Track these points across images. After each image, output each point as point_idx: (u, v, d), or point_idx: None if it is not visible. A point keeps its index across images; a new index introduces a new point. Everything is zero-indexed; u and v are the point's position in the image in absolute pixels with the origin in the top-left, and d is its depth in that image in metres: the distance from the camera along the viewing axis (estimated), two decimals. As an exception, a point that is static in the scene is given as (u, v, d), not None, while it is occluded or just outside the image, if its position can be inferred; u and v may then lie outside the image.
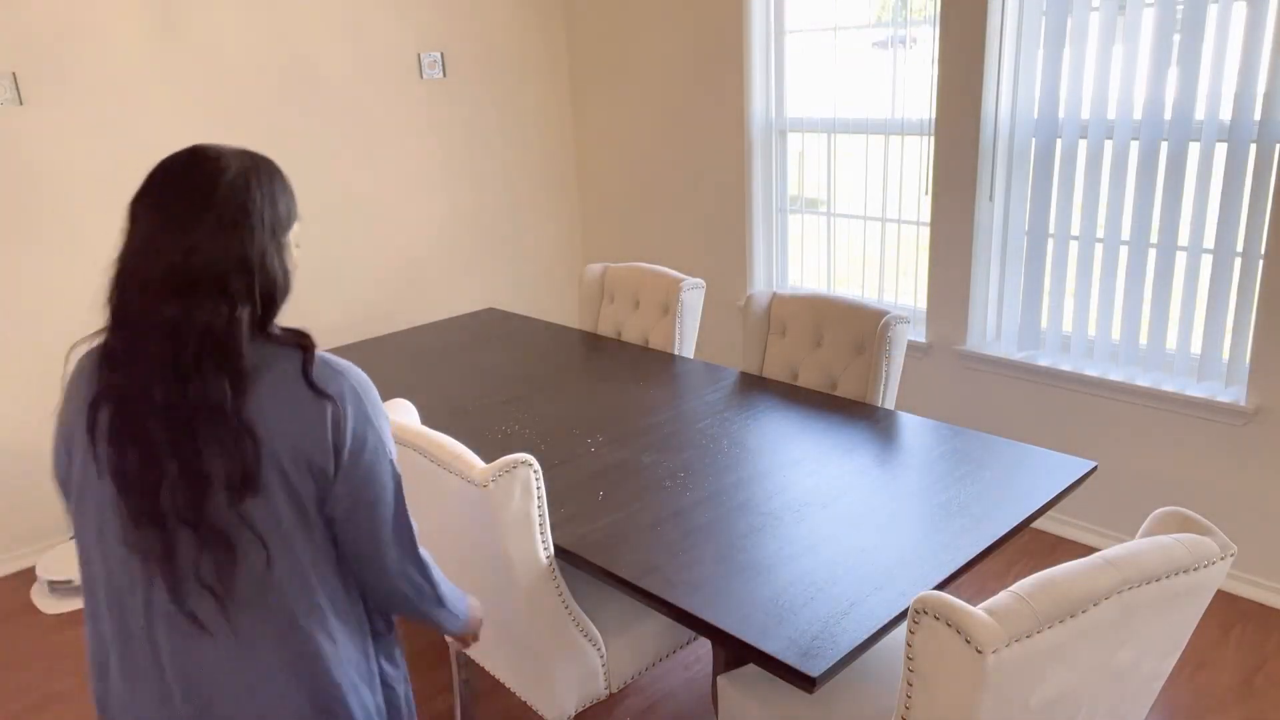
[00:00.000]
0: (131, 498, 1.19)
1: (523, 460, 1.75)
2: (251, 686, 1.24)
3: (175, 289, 1.17)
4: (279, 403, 1.21)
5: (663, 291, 3.05)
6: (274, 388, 1.21)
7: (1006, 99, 3.12)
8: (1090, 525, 3.22)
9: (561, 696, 1.95)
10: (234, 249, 1.19)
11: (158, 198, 1.21)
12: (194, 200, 1.19)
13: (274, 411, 1.20)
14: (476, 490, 1.75)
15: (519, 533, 1.78)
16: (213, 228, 1.18)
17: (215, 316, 1.17)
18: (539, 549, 1.82)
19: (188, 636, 1.23)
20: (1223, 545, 1.30)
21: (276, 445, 1.20)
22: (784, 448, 2.19)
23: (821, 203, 3.89)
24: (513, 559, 1.79)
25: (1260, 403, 2.75)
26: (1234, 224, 2.73)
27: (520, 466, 1.75)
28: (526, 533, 1.79)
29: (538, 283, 4.69)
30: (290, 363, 1.23)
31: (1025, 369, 3.23)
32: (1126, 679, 1.33)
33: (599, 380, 2.69)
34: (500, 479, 1.73)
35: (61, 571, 3.14)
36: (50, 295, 3.27)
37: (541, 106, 4.51)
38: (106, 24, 3.23)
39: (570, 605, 1.90)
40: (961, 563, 1.70)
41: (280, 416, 1.21)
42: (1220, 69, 2.66)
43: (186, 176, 1.21)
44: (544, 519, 1.81)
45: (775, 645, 1.49)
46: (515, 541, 1.77)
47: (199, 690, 1.24)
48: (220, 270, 1.18)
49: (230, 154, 1.24)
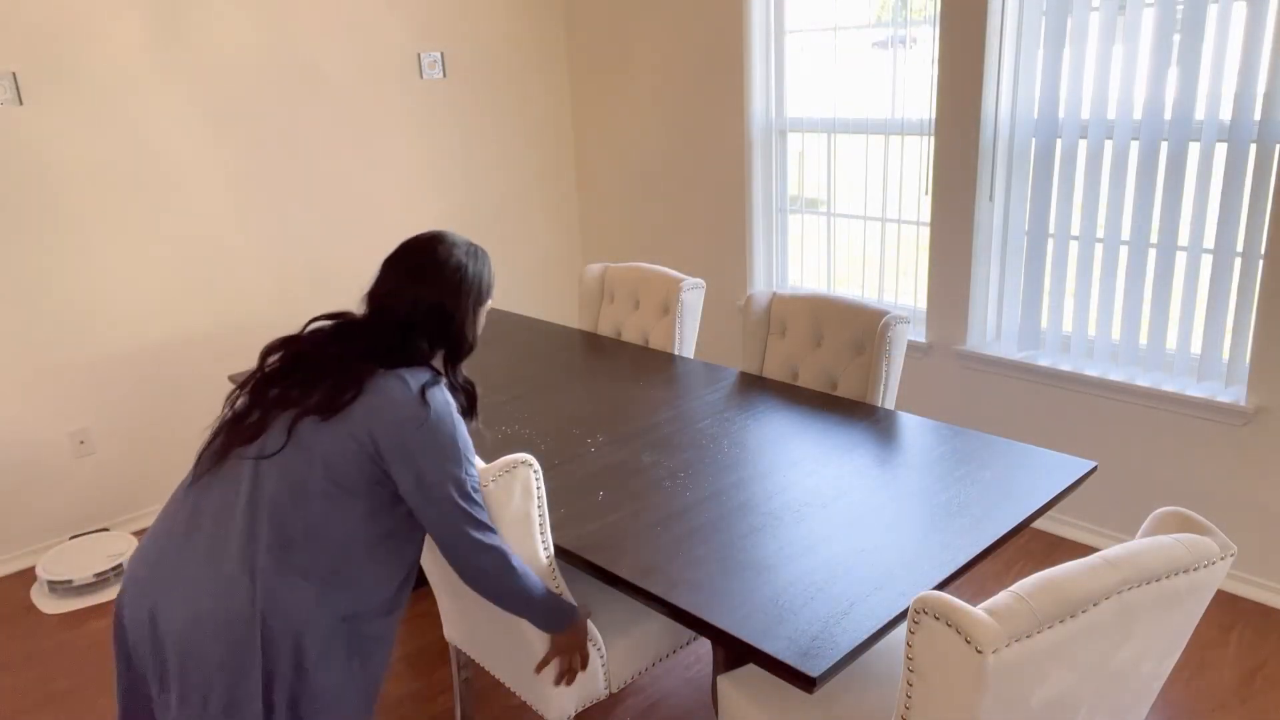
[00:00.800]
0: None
1: (523, 460, 1.75)
2: (227, 548, 1.54)
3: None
4: (392, 394, 1.59)
5: (663, 291, 3.05)
6: (397, 383, 1.61)
7: (1006, 99, 3.12)
8: (1090, 525, 3.22)
9: (561, 696, 1.95)
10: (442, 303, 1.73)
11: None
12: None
13: (381, 397, 1.58)
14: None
15: (519, 532, 1.78)
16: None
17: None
18: (539, 549, 1.82)
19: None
20: (1223, 545, 1.30)
21: (367, 423, 1.57)
22: (784, 448, 2.19)
23: (821, 203, 3.89)
24: None
25: (1260, 403, 2.75)
26: (1234, 224, 2.73)
27: (520, 467, 1.75)
28: (526, 532, 1.79)
29: (538, 283, 4.69)
30: (418, 381, 1.63)
31: (1025, 369, 3.23)
32: (1126, 679, 1.33)
33: (599, 380, 2.69)
34: (500, 479, 1.73)
35: (61, 571, 3.14)
36: (50, 295, 3.27)
37: (541, 106, 4.51)
38: (106, 24, 3.23)
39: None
40: (961, 563, 1.70)
41: (381, 403, 1.58)
42: (1220, 69, 2.66)
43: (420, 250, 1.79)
44: (544, 519, 1.81)
45: (775, 645, 1.49)
46: (515, 541, 1.77)
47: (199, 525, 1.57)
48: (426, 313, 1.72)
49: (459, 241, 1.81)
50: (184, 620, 1.48)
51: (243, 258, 3.67)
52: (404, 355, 1.66)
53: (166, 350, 3.56)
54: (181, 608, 1.49)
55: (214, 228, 3.58)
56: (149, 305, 3.49)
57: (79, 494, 3.46)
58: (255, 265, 3.71)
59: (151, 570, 1.54)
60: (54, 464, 3.39)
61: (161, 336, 3.53)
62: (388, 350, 1.66)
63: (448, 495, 1.61)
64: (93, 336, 3.39)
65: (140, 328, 3.48)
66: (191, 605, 1.49)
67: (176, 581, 1.51)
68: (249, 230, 3.66)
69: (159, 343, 3.53)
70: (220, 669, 1.48)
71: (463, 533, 1.63)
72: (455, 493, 1.62)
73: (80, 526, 3.49)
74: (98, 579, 3.15)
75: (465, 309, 1.74)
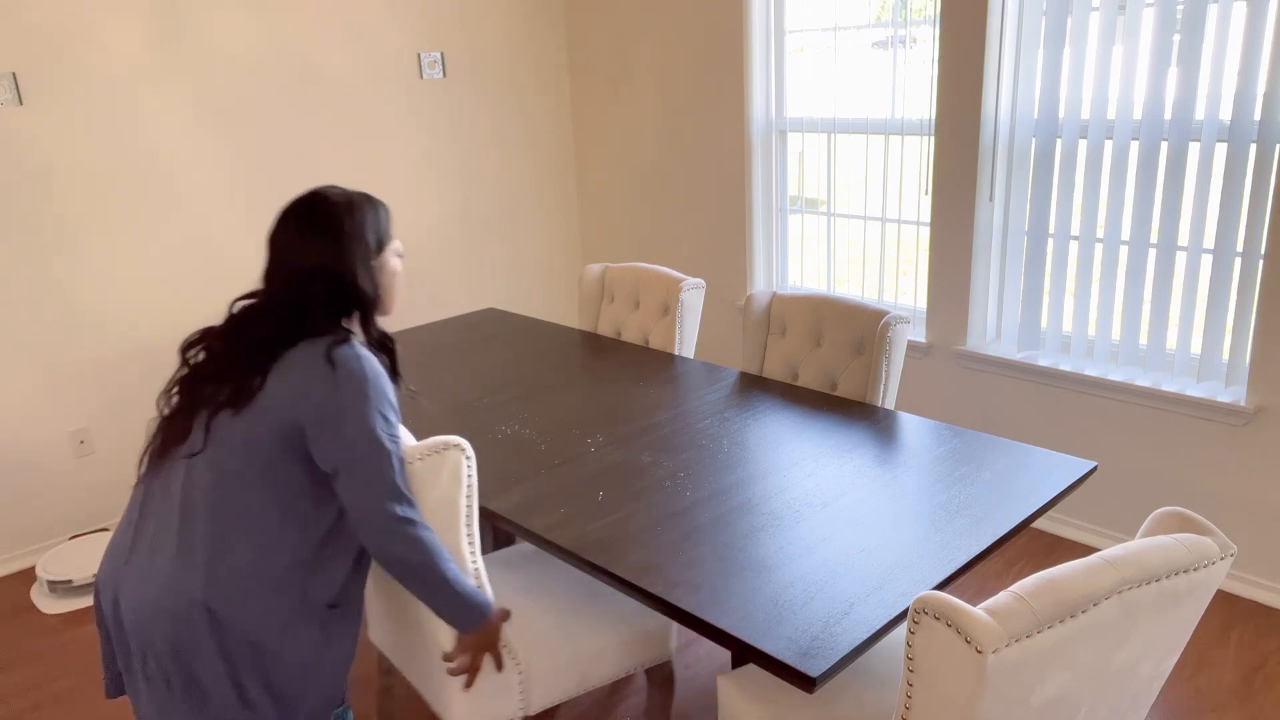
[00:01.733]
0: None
1: (454, 444, 1.70)
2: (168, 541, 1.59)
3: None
4: (299, 368, 1.59)
5: (663, 291, 3.05)
6: (305, 354, 1.60)
7: (1006, 99, 3.12)
8: (1090, 525, 3.22)
9: (465, 709, 1.87)
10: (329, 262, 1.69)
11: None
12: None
13: (291, 374, 1.59)
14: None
15: (442, 520, 1.72)
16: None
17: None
18: (463, 541, 1.76)
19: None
20: (1223, 545, 1.30)
21: (279, 404, 1.57)
22: (784, 448, 2.19)
23: (821, 203, 3.89)
24: None
25: (1260, 403, 2.75)
26: (1234, 224, 2.73)
27: (451, 450, 1.69)
28: (450, 521, 1.73)
29: (538, 283, 4.69)
30: (323, 346, 1.61)
31: (1025, 369, 3.23)
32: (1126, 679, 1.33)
33: (599, 380, 2.69)
34: (428, 459, 1.67)
35: (61, 571, 3.14)
36: (50, 295, 3.27)
37: (541, 106, 4.51)
38: (106, 24, 3.23)
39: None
40: (961, 563, 1.70)
41: (291, 380, 1.59)
42: (1220, 69, 2.66)
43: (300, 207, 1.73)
44: (472, 510, 1.75)
45: (775, 645, 1.49)
46: (437, 529, 1.71)
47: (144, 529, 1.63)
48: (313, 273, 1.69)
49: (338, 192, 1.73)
50: (136, 611, 1.56)
51: (242, 257, 3.67)
52: (305, 327, 1.64)
53: (166, 350, 3.56)
54: (134, 598, 1.57)
55: (214, 228, 3.58)
56: (149, 305, 3.49)
57: (79, 494, 3.46)
58: (255, 265, 3.71)
59: (111, 564, 1.63)
60: (54, 464, 3.39)
61: (161, 336, 3.53)
62: (288, 327, 1.63)
63: (365, 456, 1.58)
64: (93, 336, 3.39)
65: (140, 327, 3.48)
66: (140, 596, 1.56)
67: (128, 574, 1.59)
68: (249, 230, 3.66)
69: (159, 343, 3.53)
70: (175, 656, 1.55)
71: (379, 501, 1.59)
72: (373, 452, 1.59)
73: (80, 526, 3.49)
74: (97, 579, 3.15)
75: (351, 262, 1.69)
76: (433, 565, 1.64)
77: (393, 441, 1.63)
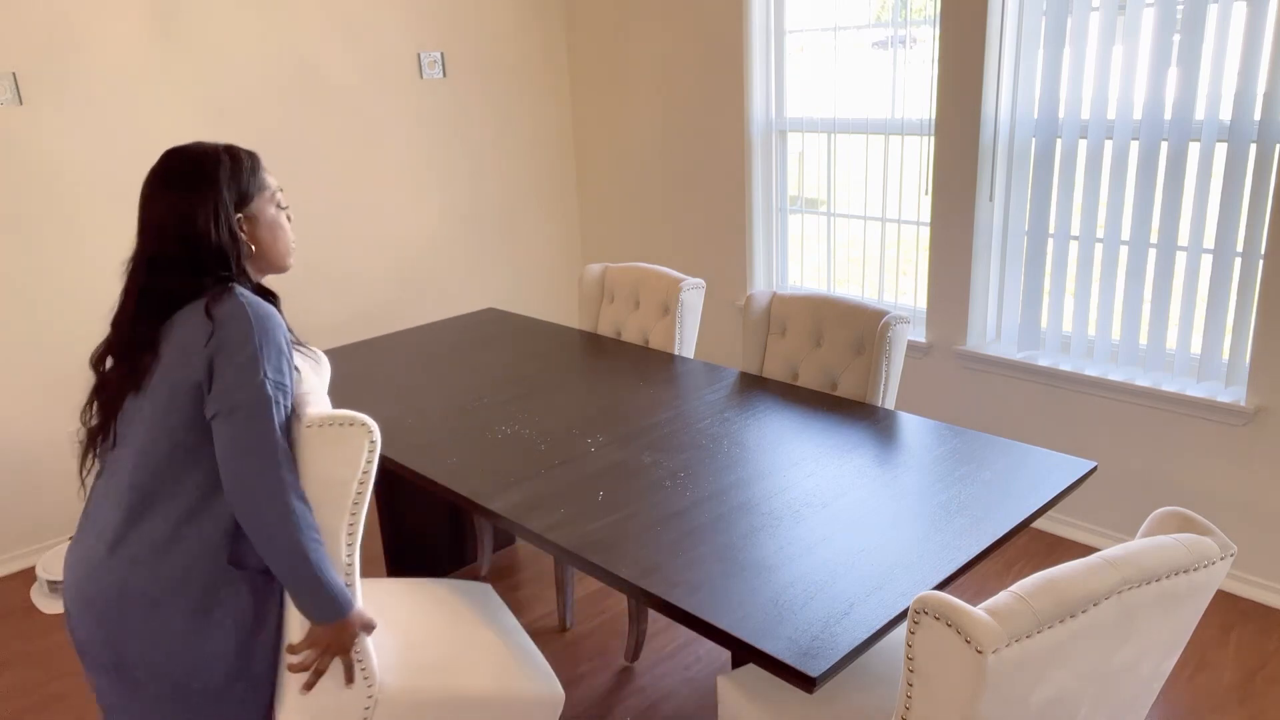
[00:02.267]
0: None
1: (361, 421, 1.59)
2: (98, 529, 1.61)
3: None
4: (182, 327, 1.56)
5: (663, 291, 3.05)
6: (187, 313, 1.57)
7: (1006, 99, 3.12)
8: (1090, 525, 3.22)
9: (295, 716, 1.71)
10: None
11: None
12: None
13: (175, 335, 1.57)
14: (298, 427, 1.61)
15: (324, 498, 1.61)
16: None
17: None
18: (342, 529, 1.64)
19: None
20: (1223, 545, 1.30)
21: (172, 370, 1.55)
22: (784, 448, 2.19)
23: (821, 203, 3.89)
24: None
25: (1260, 403, 2.75)
26: (1234, 224, 2.73)
27: (356, 427, 1.57)
28: (334, 502, 1.61)
29: (538, 283, 4.69)
30: (203, 302, 1.57)
31: (1025, 369, 3.23)
32: (1126, 679, 1.33)
33: (599, 380, 2.69)
34: (327, 429, 1.57)
35: (61, 571, 3.14)
36: (50, 295, 3.27)
37: (541, 106, 4.51)
38: (106, 24, 3.23)
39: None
40: (961, 563, 1.70)
41: (176, 340, 1.56)
42: (1220, 69, 2.66)
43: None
44: (361, 502, 1.64)
45: (775, 645, 1.49)
46: (316, 507, 1.61)
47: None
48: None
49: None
50: (74, 603, 1.60)
51: (243, 258, 3.67)
52: (180, 291, 1.59)
53: (166, 350, 3.56)
54: (72, 592, 1.60)
55: (214, 228, 3.57)
56: (149, 305, 3.49)
57: (79, 494, 3.46)
58: (255, 265, 3.71)
59: (65, 565, 1.67)
60: (54, 464, 3.39)
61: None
62: (163, 296, 1.59)
63: (243, 403, 1.52)
64: (93, 336, 3.39)
65: (140, 328, 3.48)
66: (77, 590, 1.59)
67: (70, 571, 1.62)
68: (249, 230, 3.66)
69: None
70: (106, 643, 1.57)
71: (249, 455, 1.52)
72: (252, 400, 1.52)
73: (80, 526, 3.49)
74: (98, 579, 3.15)
75: (204, 217, 1.60)
76: (295, 539, 1.54)
77: (278, 390, 1.55)
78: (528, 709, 1.92)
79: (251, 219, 1.67)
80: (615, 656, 2.75)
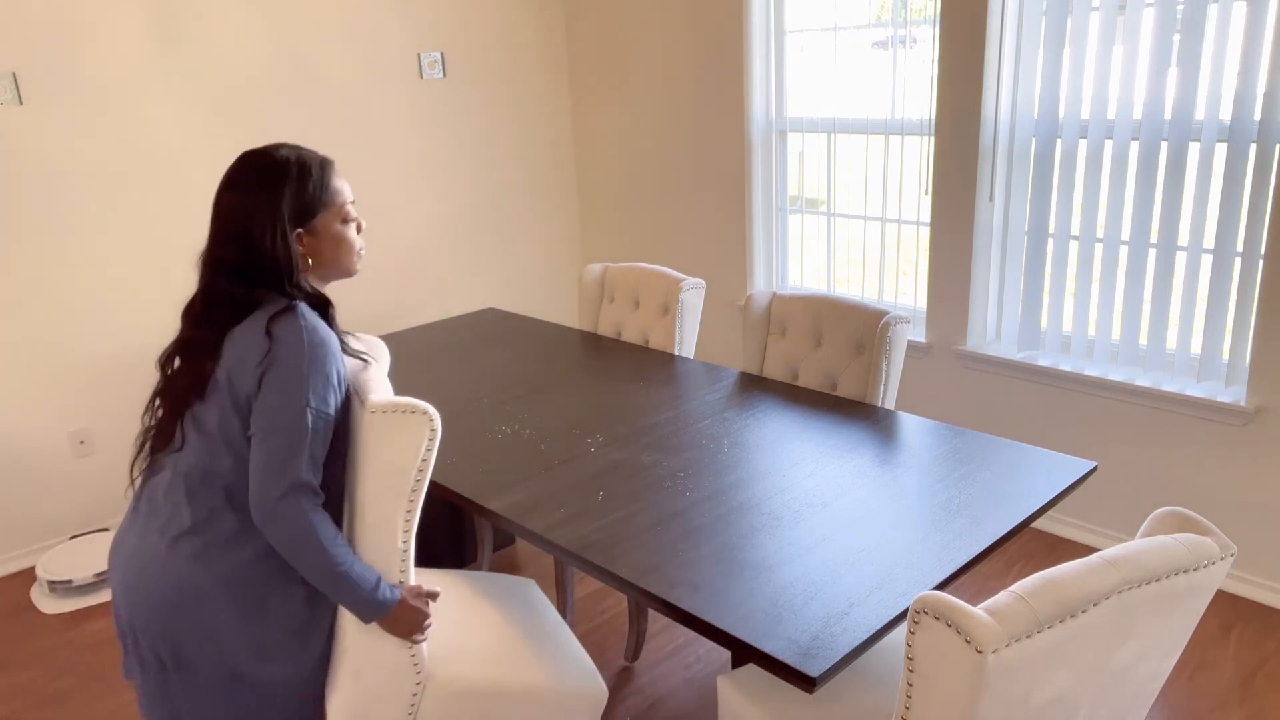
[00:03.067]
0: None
1: (423, 410, 1.61)
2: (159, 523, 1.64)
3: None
4: (241, 342, 1.59)
5: (663, 291, 3.05)
6: (249, 325, 1.60)
7: (1006, 99, 3.12)
8: (1090, 525, 3.22)
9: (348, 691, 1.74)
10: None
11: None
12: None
13: (236, 347, 1.59)
14: (362, 413, 1.65)
15: (382, 487, 1.64)
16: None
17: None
18: (399, 519, 1.66)
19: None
20: (1223, 545, 1.30)
21: (231, 383, 1.59)
22: (784, 448, 2.19)
23: (821, 203, 3.89)
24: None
25: (1260, 403, 2.75)
26: (1234, 224, 2.73)
27: (417, 415, 1.60)
28: (393, 493, 1.63)
29: (538, 283, 4.69)
30: (265, 317, 1.60)
31: (1025, 369, 3.23)
32: (1126, 679, 1.33)
33: (599, 380, 2.69)
34: (390, 415, 1.60)
35: (61, 571, 3.14)
36: (50, 295, 3.27)
37: (541, 106, 4.51)
38: (106, 24, 3.23)
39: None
40: (961, 563, 1.70)
41: (236, 352, 1.59)
42: (1220, 69, 2.66)
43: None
44: (419, 490, 1.66)
45: (775, 645, 1.49)
46: (374, 494, 1.64)
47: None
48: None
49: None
50: (126, 593, 1.62)
51: (243, 258, 3.67)
52: (237, 296, 1.62)
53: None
54: (124, 583, 1.63)
55: (214, 228, 3.57)
56: (149, 305, 3.49)
57: (79, 494, 3.46)
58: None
59: (114, 554, 1.69)
60: (54, 464, 3.39)
61: (161, 336, 3.53)
62: (224, 298, 1.62)
63: (282, 428, 1.55)
64: (93, 336, 3.39)
65: (140, 327, 3.48)
66: (130, 581, 1.62)
67: (121, 560, 1.65)
68: (249, 230, 3.66)
69: (159, 342, 3.53)
70: (163, 635, 1.60)
71: (274, 477, 1.55)
72: (291, 426, 1.55)
73: (80, 526, 3.49)
74: (98, 579, 3.15)
75: (262, 226, 1.62)
76: (319, 557, 1.58)
77: (319, 418, 1.58)
78: (572, 704, 1.93)
79: (314, 233, 1.69)
80: (615, 656, 2.75)
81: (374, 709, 1.75)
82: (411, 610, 1.70)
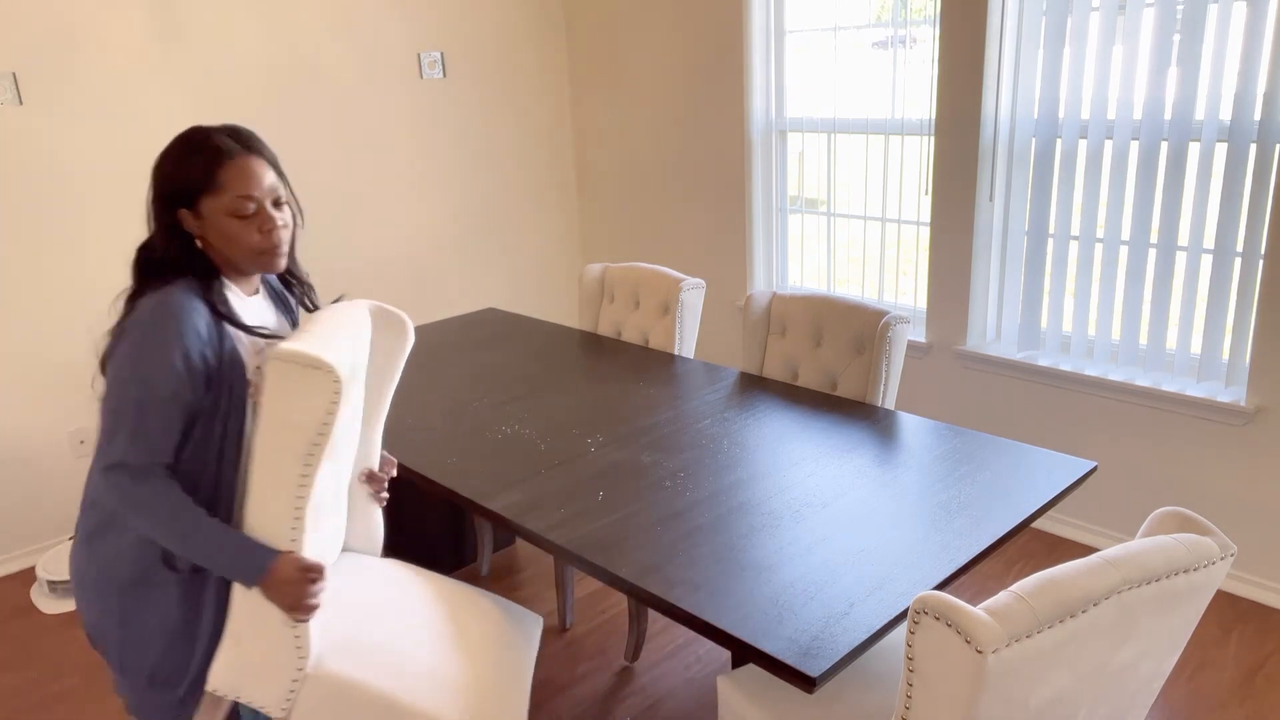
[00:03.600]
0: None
1: (327, 368, 1.49)
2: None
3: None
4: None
5: (663, 291, 3.05)
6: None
7: (1006, 99, 3.12)
8: (1090, 525, 3.22)
9: (227, 662, 1.65)
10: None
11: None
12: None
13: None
14: (268, 363, 1.53)
15: (279, 443, 1.52)
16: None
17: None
18: (293, 477, 1.53)
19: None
20: (1223, 545, 1.30)
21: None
22: (784, 448, 2.19)
23: (821, 203, 3.89)
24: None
25: (1260, 403, 2.75)
26: (1234, 224, 2.73)
27: (320, 373, 1.47)
28: (289, 448, 1.51)
29: (538, 283, 4.69)
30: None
31: (1025, 369, 3.23)
32: (1126, 679, 1.33)
33: (599, 380, 2.69)
34: (290, 367, 1.47)
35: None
36: (50, 295, 3.27)
37: (541, 106, 4.51)
38: (106, 24, 3.23)
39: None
40: (961, 563, 1.70)
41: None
42: (1220, 69, 2.66)
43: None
44: (316, 454, 1.54)
45: (775, 645, 1.49)
46: (264, 445, 1.53)
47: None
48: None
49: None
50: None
51: (243, 258, 3.67)
52: (144, 283, 1.61)
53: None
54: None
55: (214, 228, 3.57)
56: (149, 305, 3.49)
57: (79, 494, 3.46)
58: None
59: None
60: (54, 464, 3.39)
61: (161, 336, 3.53)
62: (138, 286, 1.62)
63: (108, 402, 1.53)
64: (93, 336, 3.39)
65: (140, 328, 3.48)
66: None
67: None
68: (249, 230, 3.66)
69: (159, 343, 3.53)
70: (88, 632, 1.68)
71: (102, 452, 1.54)
72: (116, 404, 1.52)
73: (80, 526, 3.49)
74: (98, 579, 3.15)
75: (153, 215, 1.62)
76: (150, 523, 1.54)
77: (151, 394, 1.50)
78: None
79: (200, 216, 1.62)
80: (615, 656, 2.75)
81: (251, 685, 1.61)
82: (289, 581, 1.55)
